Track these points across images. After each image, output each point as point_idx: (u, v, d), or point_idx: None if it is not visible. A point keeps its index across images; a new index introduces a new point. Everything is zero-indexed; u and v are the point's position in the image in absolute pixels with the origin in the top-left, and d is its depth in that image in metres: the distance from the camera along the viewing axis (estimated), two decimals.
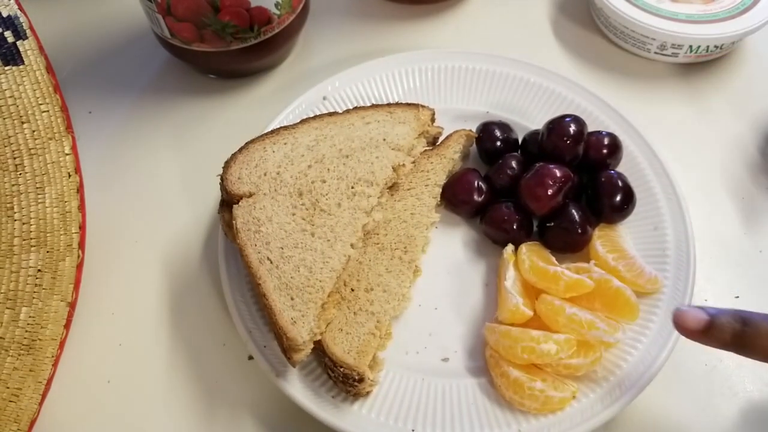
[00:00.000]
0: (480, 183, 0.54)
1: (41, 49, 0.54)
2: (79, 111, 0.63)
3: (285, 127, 0.53)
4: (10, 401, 0.45)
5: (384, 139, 0.53)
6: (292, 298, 0.44)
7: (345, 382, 0.44)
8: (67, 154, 0.51)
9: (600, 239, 0.50)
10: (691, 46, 0.63)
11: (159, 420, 0.48)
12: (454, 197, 0.54)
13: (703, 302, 0.51)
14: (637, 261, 0.49)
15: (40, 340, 0.47)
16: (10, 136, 0.50)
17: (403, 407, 0.45)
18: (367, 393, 0.45)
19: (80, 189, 0.52)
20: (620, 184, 0.51)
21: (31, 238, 0.49)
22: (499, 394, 0.45)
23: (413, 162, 0.54)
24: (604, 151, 0.53)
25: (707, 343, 0.39)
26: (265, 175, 0.50)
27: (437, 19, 0.71)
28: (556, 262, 0.50)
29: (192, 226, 0.57)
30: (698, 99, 0.64)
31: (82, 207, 0.51)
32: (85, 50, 0.69)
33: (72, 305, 0.49)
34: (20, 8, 0.54)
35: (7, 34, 0.53)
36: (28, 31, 0.53)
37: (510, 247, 0.51)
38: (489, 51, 0.62)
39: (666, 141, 0.59)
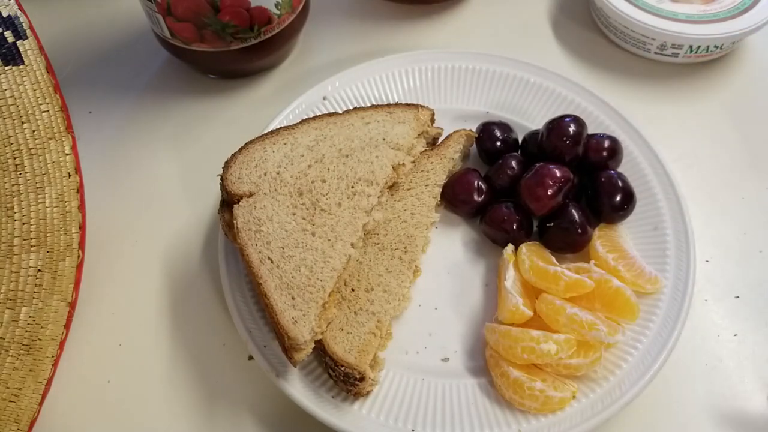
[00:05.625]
0: (480, 183, 0.54)
1: (41, 49, 0.54)
2: (79, 111, 0.63)
3: (285, 127, 0.53)
4: (10, 401, 0.45)
5: (384, 139, 0.53)
6: (293, 298, 0.44)
7: (346, 382, 0.44)
8: (67, 154, 0.51)
9: (600, 239, 0.50)
10: (691, 46, 0.63)
11: (159, 420, 0.48)
12: (454, 197, 0.54)
13: (704, 302, 0.51)
14: (637, 261, 0.49)
15: (40, 340, 0.47)
16: (10, 136, 0.50)
17: (403, 407, 0.45)
18: (368, 392, 0.45)
19: (80, 189, 0.52)
20: (620, 184, 0.51)
21: (31, 238, 0.49)
22: (499, 394, 0.45)
23: (413, 161, 0.54)
24: (604, 153, 0.53)
25: None
26: (265, 174, 0.50)
27: (437, 19, 0.71)
28: (556, 262, 0.50)
29: (192, 226, 0.57)
30: (698, 99, 0.64)
31: (82, 207, 0.51)
32: (85, 50, 0.69)
33: (72, 305, 0.49)
34: (20, 8, 0.54)
35: (7, 34, 0.53)
36: (28, 31, 0.53)
37: (510, 247, 0.51)
38: (489, 51, 0.62)
39: (666, 141, 0.59)
